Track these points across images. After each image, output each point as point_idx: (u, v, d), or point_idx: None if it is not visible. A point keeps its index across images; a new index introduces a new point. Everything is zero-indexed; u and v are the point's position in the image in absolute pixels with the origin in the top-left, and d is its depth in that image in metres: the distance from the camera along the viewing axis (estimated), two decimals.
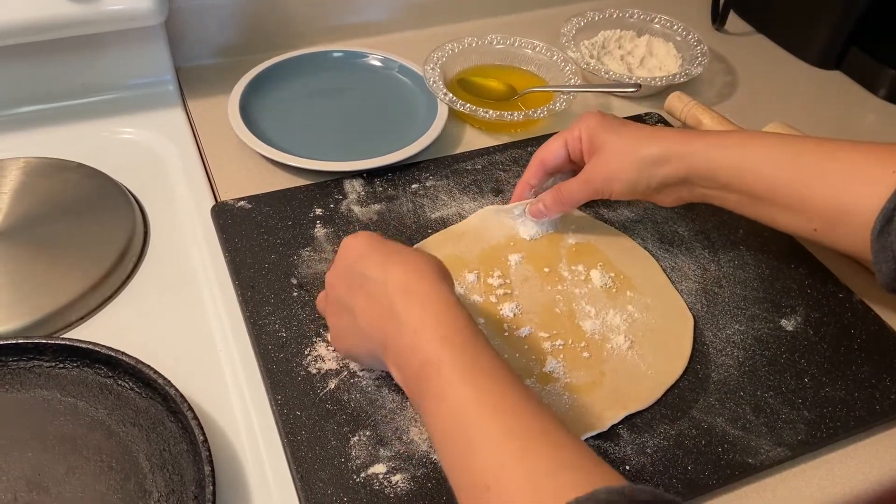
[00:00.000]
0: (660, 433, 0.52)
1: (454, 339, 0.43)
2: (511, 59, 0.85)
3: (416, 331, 0.44)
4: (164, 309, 0.59)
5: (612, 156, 0.60)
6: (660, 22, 0.90)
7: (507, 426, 0.40)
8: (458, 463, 0.40)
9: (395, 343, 0.45)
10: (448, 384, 0.42)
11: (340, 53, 0.85)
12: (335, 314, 0.51)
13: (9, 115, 0.75)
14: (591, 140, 0.61)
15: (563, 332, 0.58)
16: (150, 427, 0.50)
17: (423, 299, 0.45)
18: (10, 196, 0.65)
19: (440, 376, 0.42)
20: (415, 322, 0.44)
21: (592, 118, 0.62)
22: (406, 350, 0.44)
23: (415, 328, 0.44)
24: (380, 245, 0.49)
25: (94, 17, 0.70)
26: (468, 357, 0.42)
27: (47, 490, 0.47)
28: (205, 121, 0.77)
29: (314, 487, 0.48)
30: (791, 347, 0.59)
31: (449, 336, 0.43)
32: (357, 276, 0.48)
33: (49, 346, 0.52)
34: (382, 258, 0.47)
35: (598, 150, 0.61)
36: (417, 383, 0.44)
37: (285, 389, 0.53)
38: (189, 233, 0.66)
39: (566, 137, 0.63)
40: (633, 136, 0.60)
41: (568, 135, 0.63)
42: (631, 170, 0.59)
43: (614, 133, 0.60)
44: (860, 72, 0.90)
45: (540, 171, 0.64)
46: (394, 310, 0.45)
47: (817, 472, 0.52)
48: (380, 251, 0.48)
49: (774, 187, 0.55)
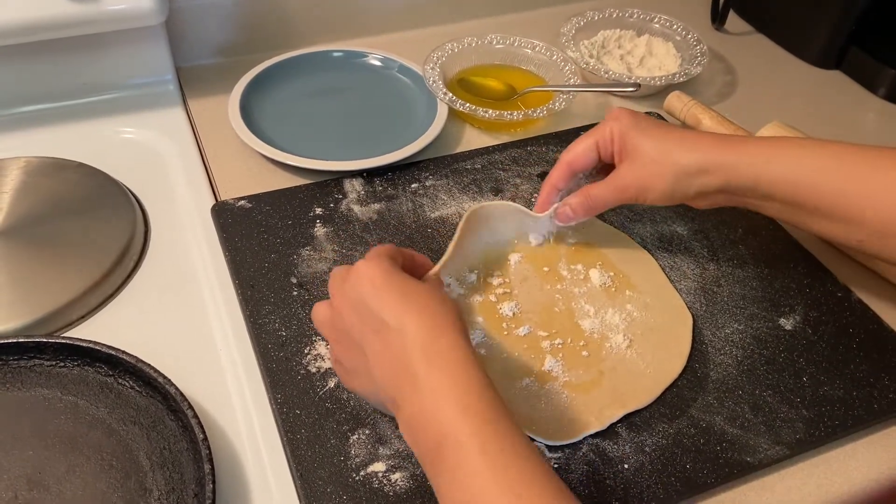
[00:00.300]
0: (658, 432, 0.53)
1: (475, 408, 0.41)
2: (511, 59, 0.85)
3: (437, 398, 0.41)
4: (164, 308, 0.60)
5: (647, 163, 0.57)
6: (659, 21, 0.90)
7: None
8: None
9: (411, 405, 0.42)
10: (466, 460, 0.39)
11: (340, 53, 0.85)
12: (343, 346, 0.47)
13: (9, 114, 0.75)
14: (623, 142, 0.58)
15: (562, 330, 0.58)
16: (151, 425, 0.50)
17: (443, 360, 0.42)
18: (11, 195, 0.65)
19: (459, 452, 0.40)
20: (435, 387, 0.42)
21: (624, 118, 0.59)
22: (424, 416, 0.42)
23: (435, 394, 0.41)
24: (398, 283, 0.45)
25: (94, 17, 0.70)
26: (489, 431, 0.40)
27: (48, 488, 0.47)
28: (205, 120, 0.77)
29: (314, 485, 0.48)
30: (790, 346, 0.59)
31: (470, 405, 0.41)
32: (371, 316, 0.44)
33: (50, 345, 0.53)
34: (400, 300, 0.44)
35: (631, 155, 0.58)
36: (434, 455, 0.41)
37: (285, 388, 0.53)
38: (189, 232, 0.66)
39: (597, 138, 0.59)
40: (668, 142, 0.57)
41: (598, 135, 0.59)
42: (667, 179, 0.56)
43: (648, 137, 0.57)
44: (860, 71, 0.90)
45: (568, 173, 0.61)
46: (412, 369, 0.42)
47: (816, 471, 0.53)
48: (397, 290, 0.45)
49: (821, 198, 0.53)
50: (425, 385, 0.42)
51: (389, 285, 0.45)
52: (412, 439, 0.43)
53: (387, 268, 0.46)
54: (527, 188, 0.71)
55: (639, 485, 0.49)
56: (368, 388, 0.47)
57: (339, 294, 0.47)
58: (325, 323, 0.49)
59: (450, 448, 0.40)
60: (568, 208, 0.61)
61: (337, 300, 0.47)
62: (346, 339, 0.47)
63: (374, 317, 0.44)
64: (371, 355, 0.45)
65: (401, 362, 0.43)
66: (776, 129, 0.71)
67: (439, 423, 0.41)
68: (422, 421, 0.42)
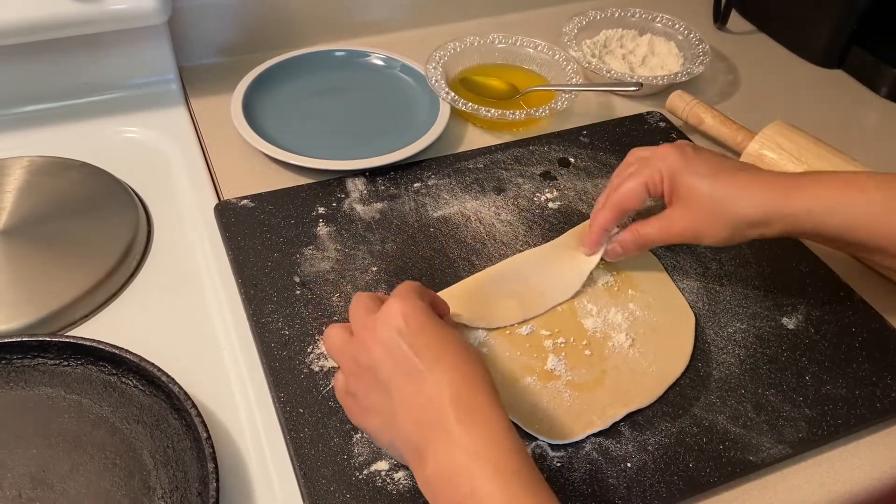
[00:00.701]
0: (661, 430, 0.53)
1: (506, 468, 0.40)
2: (513, 58, 0.85)
3: (470, 456, 0.41)
4: (167, 307, 0.60)
5: (702, 211, 0.55)
6: (661, 21, 0.90)
7: None
8: None
9: (439, 457, 0.41)
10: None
11: (343, 53, 0.85)
12: (363, 382, 0.46)
13: (13, 113, 0.75)
14: (674, 184, 0.56)
15: (565, 329, 0.58)
16: (154, 424, 0.50)
17: (479, 418, 0.42)
18: (15, 195, 0.65)
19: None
20: (469, 445, 0.41)
21: (673, 157, 0.56)
22: (453, 471, 0.41)
23: (468, 452, 0.41)
24: (434, 328, 0.45)
25: (97, 17, 0.70)
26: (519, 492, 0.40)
27: (52, 487, 0.47)
28: (208, 120, 0.77)
29: (317, 484, 0.48)
30: (792, 345, 0.59)
31: (500, 464, 0.40)
32: (405, 359, 0.43)
33: (53, 344, 0.53)
34: (436, 344, 0.44)
35: (684, 199, 0.56)
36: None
37: (288, 387, 0.53)
38: (192, 231, 0.66)
39: (646, 181, 0.57)
40: (723, 189, 0.54)
41: (647, 177, 0.57)
42: (724, 229, 0.55)
43: (701, 179, 0.55)
44: (862, 70, 0.90)
45: (618, 215, 0.59)
46: (446, 423, 0.41)
47: (818, 470, 0.53)
48: (433, 333, 0.44)
49: (882, 239, 0.52)
50: (459, 441, 0.41)
51: (426, 329, 0.44)
52: (434, 492, 0.42)
53: (423, 308, 0.45)
54: (529, 187, 0.71)
55: (641, 483, 0.50)
56: (383, 431, 0.45)
57: (367, 328, 0.45)
58: (342, 351, 0.47)
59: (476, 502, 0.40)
60: (618, 246, 0.60)
61: (364, 334, 0.45)
62: (368, 376, 0.45)
63: (407, 360, 0.43)
64: (399, 399, 0.43)
65: (434, 413, 0.42)
66: (778, 129, 0.71)
67: (471, 479, 0.40)
68: (450, 475, 0.41)
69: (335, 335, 0.48)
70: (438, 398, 0.42)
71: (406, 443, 0.43)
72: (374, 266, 0.62)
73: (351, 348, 0.46)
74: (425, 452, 0.42)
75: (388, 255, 0.63)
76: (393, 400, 0.44)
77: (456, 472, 0.41)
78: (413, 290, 0.47)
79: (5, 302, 0.57)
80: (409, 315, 0.44)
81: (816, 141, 0.70)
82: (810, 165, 0.68)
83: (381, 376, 0.44)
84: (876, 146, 0.80)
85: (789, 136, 0.71)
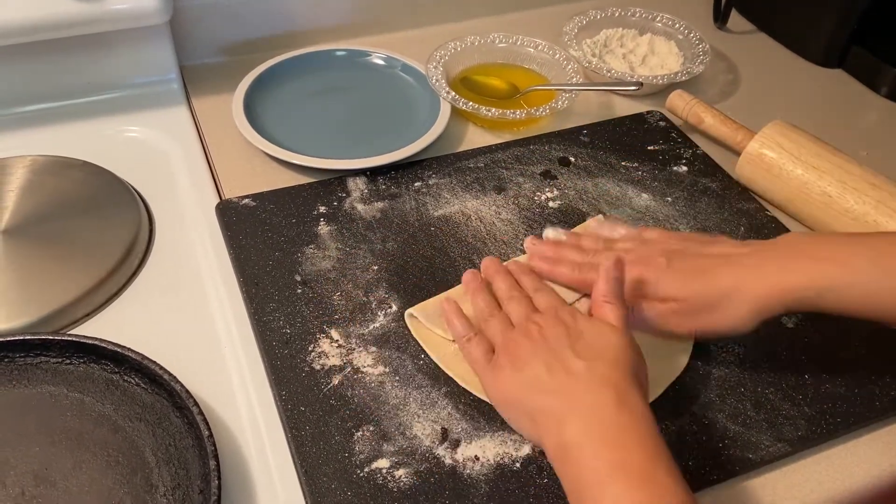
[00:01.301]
0: (661, 428, 0.52)
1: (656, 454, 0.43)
2: (513, 58, 0.86)
3: (623, 430, 0.44)
4: (169, 305, 0.60)
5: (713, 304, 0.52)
6: (662, 20, 0.91)
7: None
8: None
9: (587, 426, 0.44)
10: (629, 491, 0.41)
11: (344, 52, 0.85)
12: (519, 357, 0.49)
13: (15, 113, 0.75)
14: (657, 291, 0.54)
15: None
16: (156, 422, 0.50)
17: (635, 409, 0.45)
18: (17, 194, 0.65)
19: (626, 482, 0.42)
20: (624, 422, 0.44)
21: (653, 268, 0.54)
22: (601, 442, 0.44)
23: (622, 427, 0.44)
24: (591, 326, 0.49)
25: (99, 17, 0.70)
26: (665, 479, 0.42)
27: (55, 484, 0.47)
28: (209, 119, 0.78)
29: (318, 482, 0.49)
30: (792, 344, 0.59)
31: (650, 448, 0.43)
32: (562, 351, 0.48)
33: (56, 343, 0.53)
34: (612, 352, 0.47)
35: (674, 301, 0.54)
36: (595, 482, 0.43)
37: (289, 385, 0.54)
38: (194, 230, 0.66)
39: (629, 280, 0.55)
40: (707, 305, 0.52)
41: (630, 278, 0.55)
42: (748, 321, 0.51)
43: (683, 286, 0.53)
44: (862, 70, 0.91)
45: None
46: (596, 400, 0.45)
47: (817, 468, 0.53)
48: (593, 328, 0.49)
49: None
50: (613, 419, 0.44)
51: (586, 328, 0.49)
52: (575, 454, 0.44)
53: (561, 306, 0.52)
54: (529, 186, 0.71)
55: None
56: (527, 394, 0.48)
57: (571, 314, 0.51)
58: (495, 321, 0.53)
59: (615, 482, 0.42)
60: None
61: (565, 316, 0.50)
62: (538, 347, 0.49)
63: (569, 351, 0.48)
64: (560, 391, 0.46)
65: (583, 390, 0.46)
66: (778, 128, 0.71)
67: (620, 450, 0.43)
68: (597, 445, 0.43)
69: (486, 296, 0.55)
70: (593, 380, 0.46)
71: (547, 409, 0.46)
72: (375, 265, 0.62)
73: (536, 317, 0.51)
74: (566, 421, 0.45)
75: (389, 254, 0.64)
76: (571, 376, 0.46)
77: (603, 443, 0.43)
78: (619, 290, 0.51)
79: (8, 300, 0.57)
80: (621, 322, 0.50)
81: (816, 140, 0.70)
82: (810, 164, 0.68)
83: (562, 355, 0.47)
84: (876, 146, 0.81)
85: (789, 136, 0.71)
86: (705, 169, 0.74)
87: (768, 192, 0.72)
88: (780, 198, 0.71)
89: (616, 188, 0.71)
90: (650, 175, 0.73)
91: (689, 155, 0.76)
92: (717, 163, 0.75)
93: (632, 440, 0.43)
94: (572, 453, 0.44)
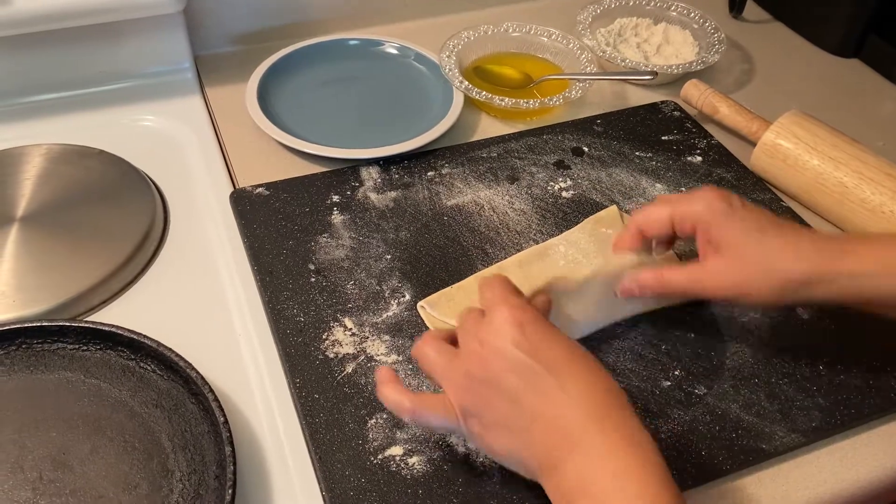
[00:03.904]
0: (674, 418, 0.53)
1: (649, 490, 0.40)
2: (527, 47, 0.85)
3: (616, 476, 0.40)
4: (184, 293, 0.60)
5: (742, 266, 0.50)
6: (677, 9, 0.90)
7: None
8: None
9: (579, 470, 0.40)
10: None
11: (357, 41, 0.85)
12: (481, 398, 0.43)
13: (31, 102, 0.76)
14: (713, 233, 0.51)
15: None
16: (172, 408, 0.51)
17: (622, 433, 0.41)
18: (33, 182, 0.66)
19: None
20: (612, 463, 0.40)
21: (716, 202, 0.51)
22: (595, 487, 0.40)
23: (612, 472, 0.40)
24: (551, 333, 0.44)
25: (114, 6, 0.71)
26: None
27: (72, 469, 0.48)
28: (223, 108, 0.78)
29: (332, 468, 0.49)
30: (806, 335, 0.59)
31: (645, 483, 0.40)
32: (529, 369, 0.42)
33: (73, 329, 0.53)
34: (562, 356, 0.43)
35: (722, 250, 0.51)
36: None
37: (303, 373, 0.54)
38: (208, 219, 0.66)
39: (675, 214, 0.53)
40: (768, 244, 0.50)
41: (678, 213, 0.53)
42: (765, 288, 0.50)
43: (750, 234, 0.50)
44: (878, 60, 0.90)
45: (639, 239, 0.55)
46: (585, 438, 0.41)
47: (831, 459, 0.53)
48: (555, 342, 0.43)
49: None
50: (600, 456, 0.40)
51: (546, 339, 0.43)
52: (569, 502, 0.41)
53: (535, 314, 0.44)
54: (543, 176, 0.71)
55: None
56: (513, 443, 0.43)
57: (478, 339, 0.44)
58: (448, 367, 0.45)
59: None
60: (636, 287, 0.54)
61: (474, 345, 0.44)
62: (486, 390, 0.43)
63: (535, 375, 0.42)
64: (530, 412, 0.42)
65: (572, 427, 0.41)
66: (794, 119, 0.71)
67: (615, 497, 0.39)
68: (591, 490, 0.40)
69: (433, 350, 0.46)
70: (575, 413, 0.41)
71: (539, 454, 0.42)
72: (388, 254, 0.63)
73: (461, 363, 0.44)
74: (562, 465, 0.41)
75: (402, 244, 0.64)
76: (524, 411, 0.42)
77: (597, 487, 0.40)
78: (511, 290, 0.46)
79: (25, 287, 0.58)
80: (525, 324, 0.43)
81: (832, 131, 0.70)
82: (826, 155, 0.68)
83: (506, 388, 0.42)
84: (893, 136, 0.80)
85: (805, 126, 0.70)
86: (720, 159, 0.74)
87: (783, 183, 0.71)
88: (795, 188, 0.70)
89: (630, 178, 0.71)
90: (664, 165, 0.73)
91: (704, 145, 0.76)
92: (732, 153, 0.75)
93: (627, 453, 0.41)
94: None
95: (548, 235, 0.65)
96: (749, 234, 0.50)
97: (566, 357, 0.43)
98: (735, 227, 0.51)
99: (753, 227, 0.51)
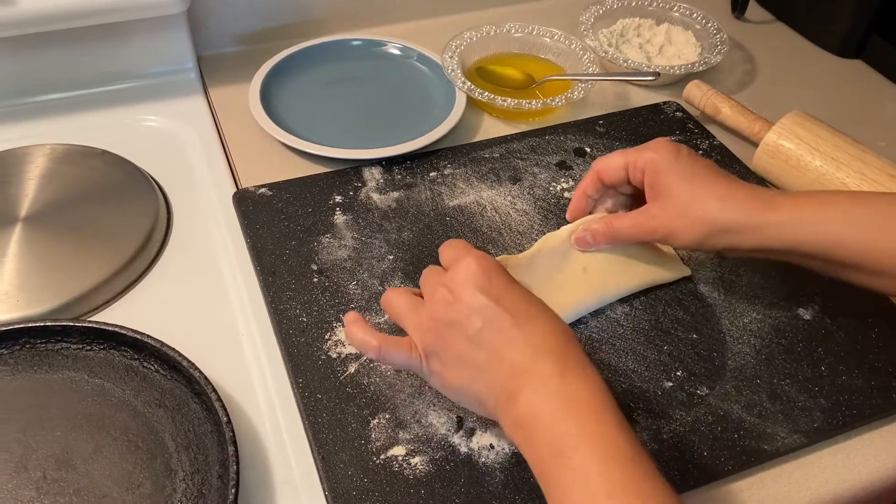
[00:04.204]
0: (675, 419, 0.53)
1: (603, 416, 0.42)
2: (529, 48, 0.85)
3: (568, 401, 0.42)
4: (187, 293, 0.61)
5: (677, 209, 0.54)
6: (679, 10, 0.90)
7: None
8: None
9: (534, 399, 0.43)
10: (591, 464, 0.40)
11: (359, 42, 0.85)
12: (443, 337, 0.46)
13: (34, 102, 0.76)
14: (657, 178, 0.55)
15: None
16: (176, 408, 0.51)
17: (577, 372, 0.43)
18: (37, 182, 0.66)
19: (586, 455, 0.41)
20: (566, 392, 0.42)
21: (664, 151, 0.55)
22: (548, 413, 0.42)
23: (566, 398, 0.42)
24: (512, 281, 0.46)
25: (117, 6, 0.71)
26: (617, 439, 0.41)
27: (76, 468, 0.48)
28: (226, 109, 0.78)
29: (335, 468, 0.49)
30: (808, 336, 0.59)
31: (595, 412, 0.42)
32: (493, 312, 0.44)
33: (76, 329, 0.54)
34: (522, 301, 0.45)
35: (662, 196, 0.55)
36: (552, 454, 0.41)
37: (306, 373, 0.54)
38: (211, 219, 0.67)
39: (629, 160, 0.57)
40: (703, 191, 0.53)
41: (631, 159, 0.57)
42: (695, 231, 0.53)
43: (684, 181, 0.54)
44: (881, 61, 0.90)
45: (597, 182, 0.59)
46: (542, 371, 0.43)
47: (833, 459, 0.53)
48: (515, 289, 0.46)
49: (863, 257, 0.51)
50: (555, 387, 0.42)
51: (509, 286, 0.46)
52: (524, 432, 0.43)
53: (498, 264, 0.47)
54: (545, 177, 0.71)
55: None
56: (471, 382, 0.46)
57: (444, 285, 0.46)
58: (413, 310, 0.48)
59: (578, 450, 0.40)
60: (588, 235, 0.58)
61: (441, 291, 0.46)
62: (450, 331, 0.46)
63: (498, 316, 0.44)
64: (491, 350, 0.44)
65: (529, 363, 0.43)
66: (796, 119, 0.71)
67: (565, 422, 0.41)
68: (544, 416, 0.42)
69: (398, 297, 0.49)
70: (534, 351, 0.44)
71: (496, 389, 0.44)
72: (391, 254, 0.63)
73: (426, 308, 0.47)
74: (518, 395, 0.43)
75: (405, 244, 0.64)
76: (484, 350, 0.45)
77: (551, 413, 0.42)
78: (472, 246, 0.49)
79: (29, 287, 0.58)
80: (491, 271, 0.46)
81: (834, 131, 0.70)
82: (828, 156, 0.68)
83: (468, 328, 0.45)
84: (895, 136, 0.80)
85: (807, 127, 0.70)
86: (722, 160, 0.74)
87: (786, 184, 0.71)
88: (797, 189, 0.70)
89: None
90: None
91: (706, 146, 0.76)
92: (735, 154, 0.75)
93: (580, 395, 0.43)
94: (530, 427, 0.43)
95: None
96: (683, 180, 0.54)
97: (526, 303, 0.46)
98: (673, 173, 0.54)
99: (688, 175, 0.54)
